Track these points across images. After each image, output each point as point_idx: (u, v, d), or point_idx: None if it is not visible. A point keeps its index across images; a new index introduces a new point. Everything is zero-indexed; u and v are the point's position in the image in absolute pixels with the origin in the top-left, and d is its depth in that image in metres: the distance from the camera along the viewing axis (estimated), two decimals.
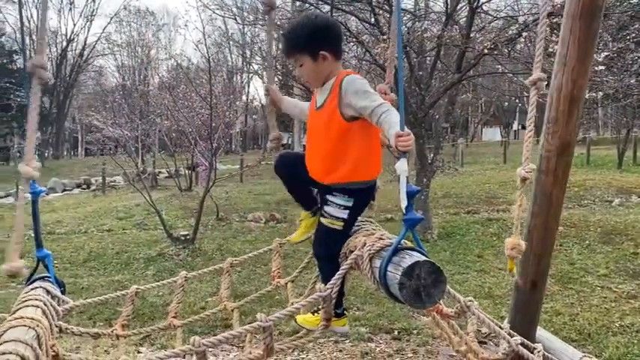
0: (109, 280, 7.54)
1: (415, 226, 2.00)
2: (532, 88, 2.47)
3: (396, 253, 1.98)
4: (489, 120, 40.82)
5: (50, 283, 2.77)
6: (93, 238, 10.87)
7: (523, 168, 2.54)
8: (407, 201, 1.97)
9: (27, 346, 2.00)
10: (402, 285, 1.84)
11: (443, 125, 9.69)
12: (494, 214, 10.93)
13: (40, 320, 2.25)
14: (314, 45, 2.20)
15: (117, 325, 2.86)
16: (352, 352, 4.69)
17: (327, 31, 2.25)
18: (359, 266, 2.27)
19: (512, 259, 2.56)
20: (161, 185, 19.57)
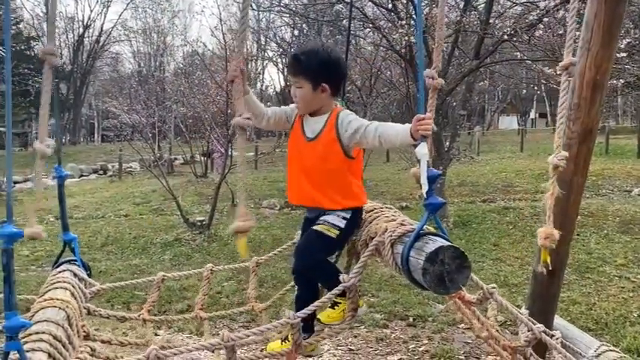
0: (127, 265, 7.65)
1: (437, 210, 1.99)
2: (563, 73, 2.43)
3: (419, 239, 1.97)
4: (506, 108, 40.37)
5: (77, 266, 2.83)
6: (110, 222, 11.00)
7: (555, 156, 2.50)
8: (428, 185, 1.97)
9: (58, 326, 2.05)
10: (425, 270, 1.84)
11: (460, 112, 9.60)
12: (511, 203, 10.85)
13: (69, 302, 2.30)
14: (320, 75, 2.27)
15: (143, 310, 2.91)
16: (367, 338, 4.72)
17: (337, 68, 2.33)
18: (380, 253, 2.28)
19: (546, 249, 2.53)
20: (177, 171, 19.71)
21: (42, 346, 1.89)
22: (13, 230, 1.60)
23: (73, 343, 2.08)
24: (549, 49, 8.38)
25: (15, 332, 1.62)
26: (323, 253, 2.39)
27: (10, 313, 1.61)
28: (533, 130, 37.04)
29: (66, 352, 1.96)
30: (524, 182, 13.25)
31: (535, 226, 9.07)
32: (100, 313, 2.71)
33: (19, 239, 1.68)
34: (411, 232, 2.08)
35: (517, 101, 37.58)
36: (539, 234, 2.57)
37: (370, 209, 2.62)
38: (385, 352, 4.42)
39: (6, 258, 1.61)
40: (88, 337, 2.46)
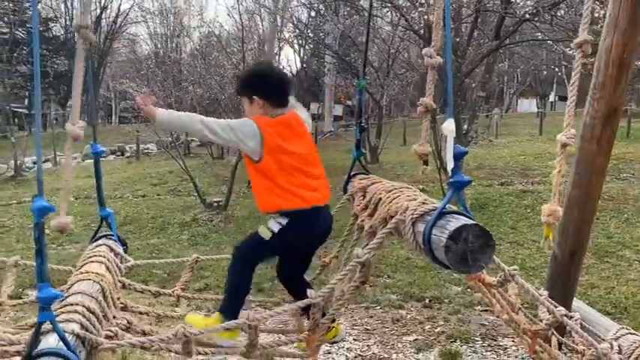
0: (145, 244, 7.75)
1: (462, 188, 1.97)
2: (577, 51, 2.38)
3: (442, 217, 1.96)
4: (525, 91, 39.73)
5: (113, 241, 2.87)
6: (128, 203, 11.14)
7: (564, 134, 2.47)
8: (454, 162, 1.95)
9: (92, 299, 2.08)
10: (447, 248, 1.82)
11: (479, 94, 9.47)
12: (529, 186, 10.73)
13: (104, 275, 2.34)
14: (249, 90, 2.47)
15: (177, 287, 2.96)
16: (383, 318, 4.74)
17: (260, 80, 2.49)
18: (399, 232, 2.26)
19: (548, 226, 2.51)
20: (193, 153, 19.82)
21: (75, 317, 1.93)
22: (44, 205, 1.63)
23: (107, 315, 2.12)
24: (571, 29, 8.20)
25: (47, 303, 1.65)
26: (254, 254, 2.47)
27: (43, 285, 1.64)
28: (553, 113, 36.47)
29: (98, 325, 2.00)
30: (542, 166, 13.07)
31: None
32: (134, 287, 2.77)
33: (50, 213, 1.70)
34: (433, 211, 2.06)
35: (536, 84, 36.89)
36: (542, 210, 2.55)
37: (389, 189, 2.61)
38: (401, 332, 4.43)
39: (37, 232, 1.64)
40: (126, 309, 2.51)
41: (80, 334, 1.92)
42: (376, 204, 2.64)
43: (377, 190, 2.71)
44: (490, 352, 4.00)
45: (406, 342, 4.22)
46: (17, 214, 10.12)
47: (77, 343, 1.90)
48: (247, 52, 11.26)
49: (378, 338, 4.30)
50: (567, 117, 2.42)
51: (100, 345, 2.00)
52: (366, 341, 4.24)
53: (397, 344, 4.18)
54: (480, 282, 2.41)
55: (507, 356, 3.90)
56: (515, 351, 3.97)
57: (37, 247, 1.68)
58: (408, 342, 4.21)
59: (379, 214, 2.47)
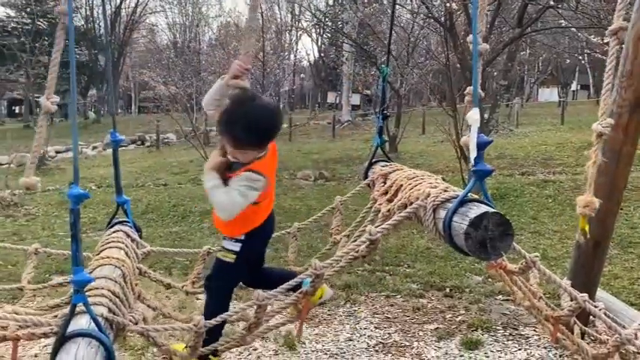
0: (167, 232, 7.85)
1: (485, 177, 1.97)
2: (612, 38, 2.33)
3: (463, 204, 1.96)
4: (546, 80, 39.11)
5: (129, 227, 2.93)
6: (150, 191, 11.27)
7: (600, 123, 2.44)
8: (477, 152, 1.94)
9: (116, 283, 2.13)
10: (467, 235, 1.83)
11: (501, 83, 9.36)
12: (551, 176, 10.61)
13: (124, 260, 2.39)
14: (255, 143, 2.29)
15: (188, 282, 3.00)
16: (404, 307, 4.74)
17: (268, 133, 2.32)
18: (419, 218, 2.27)
19: (584, 217, 2.49)
20: (212, 143, 19.94)
21: (103, 301, 1.97)
22: (80, 192, 1.67)
23: (129, 300, 2.16)
24: (595, 15, 8.04)
25: (81, 286, 1.70)
26: (228, 280, 2.46)
27: (78, 268, 1.68)
28: (575, 102, 35.89)
29: (124, 309, 2.05)
30: (564, 155, 12.91)
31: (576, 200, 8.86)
32: (149, 276, 2.81)
33: (85, 200, 1.75)
34: (455, 198, 2.07)
35: (558, 72, 36.30)
36: (578, 202, 2.52)
37: (411, 177, 2.61)
38: (422, 320, 4.44)
39: (73, 217, 1.68)
40: (139, 298, 2.56)
41: (108, 317, 1.97)
42: (397, 190, 2.65)
43: (398, 177, 2.71)
44: (512, 341, 3.98)
45: (427, 330, 4.22)
46: (42, 203, 10.31)
47: (106, 325, 1.95)
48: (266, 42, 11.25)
49: (399, 326, 4.31)
50: (603, 105, 2.39)
51: (126, 327, 2.05)
52: (387, 329, 4.25)
53: (418, 332, 4.19)
54: (501, 269, 2.40)
55: (529, 345, 3.88)
56: (537, 340, 3.95)
57: (73, 232, 1.73)
58: (429, 330, 4.22)
59: (399, 200, 2.48)
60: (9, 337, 2.14)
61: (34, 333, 2.10)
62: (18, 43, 18.30)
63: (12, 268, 5.96)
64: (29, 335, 2.13)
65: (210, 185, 2.22)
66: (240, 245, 2.39)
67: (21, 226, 8.40)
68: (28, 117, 28.71)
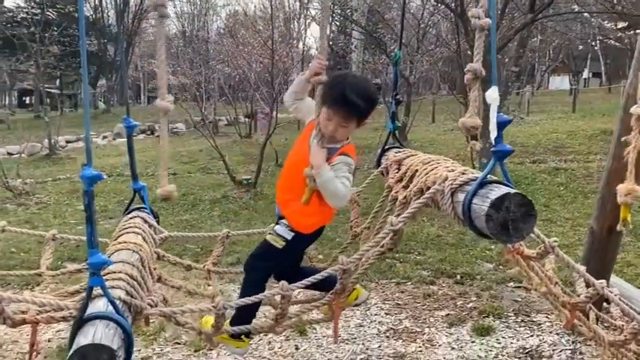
0: (178, 220, 7.88)
1: (505, 157, 1.94)
2: None
3: (483, 186, 1.94)
4: (557, 67, 38.67)
5: (146, 213, 2.93)
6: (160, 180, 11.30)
7: (638, 106, 2.39)
8: (497, 131, 1.92)
9: (133, 267, 2.13)
10: (489, 217, 1.81)
11: (512, 69, 9.25)
12: (562, 164, 10.52)
13: (142, 245, 2.39)
14: (367, 114, 2.43)
15: (208, 262, 3.01)
16: (414, 294, 4.74)
17: (377, 100, 2.49)
18: (436, 202, 2.25)
19: (626, 207, 2.45)
20: (222, 132, 19.95)
21: (120, 284, 1.98)
22: (93, 173, 1.66)
23: (147, 284, 2.16)
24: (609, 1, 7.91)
25: (98, 268, 1.70)
26: (270, 265, 2.47)
27: (93, 251, 1.68)
28: (586, 89, 35.50)
29: (142, 292, 2.05)
30: (576, 143, 12.79)
31: (588, 187, 8.78)
32: (168, 259, 2.82)
33: (99, 181, 1.74)
34: (473, 181, 2.04)
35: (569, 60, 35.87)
36: (619, 190, 2.48)
37: (427, 161, 2.59)
38: (433, 307, 4.43)
39: (87, 199, 1.68)
40: (160, 281, 2.57)
41: (126, 300, 1.98)
42: (412, 176, 2.62)
43: (413, 163, 2.69)
44: (524, 327, 3.97)
45: (438, 317, 4.21)
46: (53, 191, 10.38)
47: (124, 308, 1.96)
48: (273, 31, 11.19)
49: (410, 313, 4.31)
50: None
51: (144, 310, 2.05)
52: (398, 315, 4.25)
53: (429, 319, 4.18)
54: (518, 254, 2.38)
55: (541, 332, 3.86)
56: (549, 327, 3.93)
57: (87, 214, 1.72)
58: (440, 317, 4.21)
59: (415, 185, 2.45)
60: (28, 321, 2.15)
61: (54, 317, 2.11)
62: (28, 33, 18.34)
63: (25, 255, 6.01)
64: (48, 319, 2.14)
65: (327, 177, 2.24)
66: (293, 235, 2.40)
67: (33, 215, 8.46)
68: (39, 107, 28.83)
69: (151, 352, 3.64)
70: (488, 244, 6.04)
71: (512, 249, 2.40)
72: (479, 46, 2.04)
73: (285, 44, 12.44)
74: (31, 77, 26.14)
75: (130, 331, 1.81)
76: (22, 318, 2.16)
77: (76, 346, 1.66)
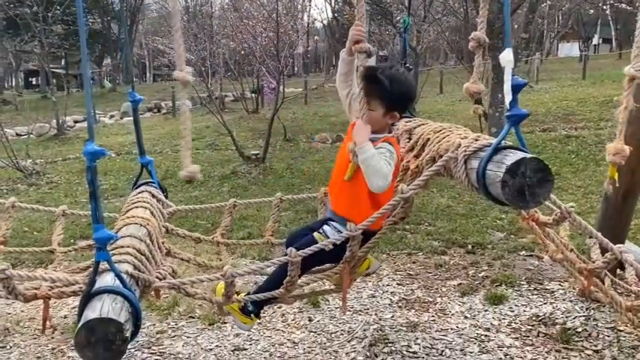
0: (187, 196, 7.89)
1: (520, 122, 1.90)
2: None
3: (498, 152, 1.90)
4: (567, 34, 37.94)
5: (154, 187, 2.92)
6: (168, 157, 11.32)
7: (632, 66, 2.33)
8: (512, 95, 1.87)
9: (141, 242, 2.13)
10: (504, 183, 1.77)
11: (522, 36, 9.06)
12: (573, 132, 10.38)
13: (149, 219, 2.38)
14: (396, 103, 2.34)
15: (217, 234, 3.01)
16: (426, 264, 4.73)
17: (411, 99, 2.45)
18: (449, 170, 2.21)
19: (614, 166, 2.41)
20: (228, 108, 19.87)
21: (127, 259, 1.97)
22: (95, 148, 1.64)
23: (155, 258, 2.16)
24: None
25: (103, 243, 1.69)
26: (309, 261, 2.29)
27: (98, 226, 1.67)
28: (596, 56, 34.88)
29: (150, 266, 2.04)
30: (586, 110, 12.61)
31: (600, 155, 8.67)
32: (177, 233, 2.82)
33: (101, 157, 1.72)
34: (487, 147, 2.00)
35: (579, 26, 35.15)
36: (608, 150, 2.44)
37: (438, 130, 2.54)
38: (444, 277, 4.43)
39: (90, 174, 1.66)
40: (169, 254, 2.57)
41: (134, 274, 1.97)
42: (423, 144, 2.58)
43: (424, 132, 2.64)
44: (537, 295, 3.95)
45: (450, 286, 4.21)
46: (63, 171, 10.43)
47: (131, 282, 1.95)
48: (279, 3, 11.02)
49: (422, 283, 4.30)
50: (636, 48, 2.28)
51: (152, 283, 2.05)
52: (410, 285, 4.25)
53: (441, 288, 4.18)
54: (533, 221, 2.35)
55: (555, 299, 3.85)
56: (562, 294, 3.92)
57: (91, 189, 1.70)
58: (452, 286, 4.21)
59: (427, 154, 2.41)
60: (40, 296, 2.17)
61: (64, 291, 2.12)
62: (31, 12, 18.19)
63: (37, 235, 6.06)
64: (59, 293, 2.15)
65: (370, 154, 2.15)
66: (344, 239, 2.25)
67: (44, 194, 8.51)
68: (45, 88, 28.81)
69: (165, 327, 3.67)
70: (499, 214, 6.00)
71: (527, 216, 2.37)
72: (483, 14, 1.99)
73: (290, 16, 12.24)
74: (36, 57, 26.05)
75: (137, 305, 1.81)
76: (34, 293, 2.18)
77: (84, 320, 1.67)
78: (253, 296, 2.30)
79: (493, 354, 3.17)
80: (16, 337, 3.60)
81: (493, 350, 3.20)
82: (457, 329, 3.50)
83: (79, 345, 1.62)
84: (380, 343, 3.33)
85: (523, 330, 3.45)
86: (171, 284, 2.02)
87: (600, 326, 3.36)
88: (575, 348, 3.13)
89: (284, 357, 3.27)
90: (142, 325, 1.83)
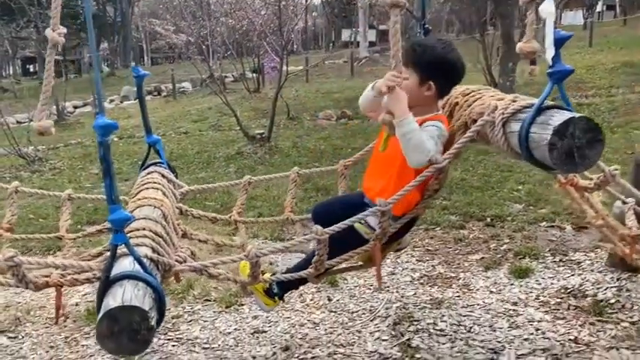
0: (194, 178, 7.75)
1: (564, 79, 1.73)
2: None
3: (541, 113, 1.74)
4: (570, 1, 37.31)
5: (164, 168, 2.77)
6: (172, 140, 11.16)
7: None
8: (554, 49, 1.69)
9: (157, 223, 1.99)
10: (552, 146, 1.62)
11: None
12: (584, 100, 10.19)
13: (163, 200, 2.24)
14: (430, 71, 2.13)
15: (234, 212, 2.87)
16: (445, 239, 4.60)
17: (451, 69, 2.17)
18: (484, 136, 2.05)
19: None
20: (229, 89, 19.62)
21: (145, 242, 1.83)
22: (107, 121, 1.49)
23: (173, 240, 2.02)
24: None
25: (120, 225, 1.55)
26: (343, 247, 2.19)
27: (114, 207, 1.53)
28: (600, 23, 34.30)
29: (168, 248, 1.91)
30: (596, 78, 12.38)
31: (614, 122, 8.49)
32: (191, 213, 2.68)
33: (114, 131, 1.57)
34: (527, 108, 1.84)
35: None
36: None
37: (467, 92, 2.37)
38: (465, 251, 4.29)
39: (103, 150, 1.51)
40: (185, 236, 2.43)
41: (153, 258, 1.84)
42: (451, 110, 2.42)
43: (450, 95, 2.47)
44: (563, 267, 3.82)
45: (472, 261, 4.07)
46: (66, 157, 10.29)
47: (151, 266, 1.82)
48: None
49: (443, 258, 4.17)
50: None
51: (172, 267, 1.92)
52: (430, 261, 4.12)
53: (463, 263, 4.05)
54: (572, 186, 2.19)
55: (582, 270, 3.71)
56: (590, 265, 3.78)
57: (104, 166, 1.56)
58: (475, 260, 4.07)
59: (457, 120, 2.25)
60: (51, 284, 2.03)
61: (77, 279, 1.99)
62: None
63: (43, 222, 5.94)
64: (72, 281, 2.02)
65: (411, 128, 1.95)
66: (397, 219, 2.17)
67: (48, 181, 8.38)
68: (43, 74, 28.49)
69: (181, 311, 3.56)
70: (515, 185, 5.85)
71: (565, 180, 2.21)
72: None
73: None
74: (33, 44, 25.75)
75: (161, 290, 1.67)
76: (45, 281, 2.05)
77: (105, 308, 1.53)
78: (280, 276, 2.16)
79: (523, 329, 3.04)
80: (27, 326, 3.48)
81: (523, 325, 3.07)
82: (484, 304, 3.37)
83: (101, 336, 1.49)
84: (405, 322, 3.20)
85: (552, 303, 3.31)
86: (192, 267, 1.88)
87: (634, 297, 3.22)
88: (610, 320, 3.00)
89: (305, 338, 3.15)
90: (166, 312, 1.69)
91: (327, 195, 5.91)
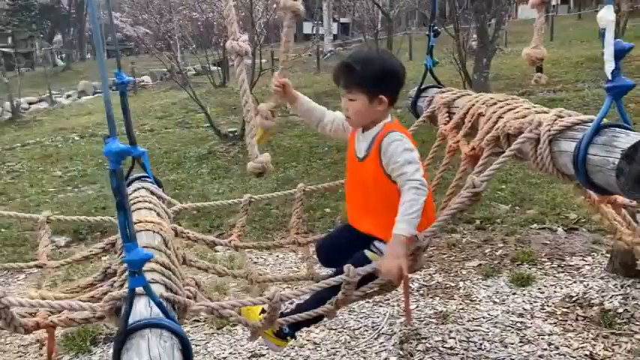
0: (165, 180, 7.36)
1: (623, 95, 1.58)
2: None
3: (599, 132, 1.58)
4: None
5: (150, 182, 2.53)
6: (137, 138, 10.67)
7: None
8: (614, 62, 1.54)
9: (161, 253, 1.75)
10: (620, 171, 1.46)
11: None
12: (554, 95, 10.28)
13: (161, 223, 2.00)
14: (377, 87, 2.02)
15: (233, 236, 2.64)
16: (437, 244, 4.47)
17: (396, 77, 2.07)
18: (524, 152, 1.89)
19: None
20: (193, 82, 19.06)
21: (156, 277, 1.60)
22: (121, 146, 1.25)
23: (179, 270, 1.79)
24: None
25: (138, 266, 1.32)
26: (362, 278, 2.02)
27: (130, 245, 1.29)
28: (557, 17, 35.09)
29: (178, 281, 1.68)
30: (562, 72, 12.55)
31: None
32: (188, 236, 2.44)
33: (127, 156, 1.34)
34: (578, 125, 1.68)
35: None
36: None
37: (492, 102, 2.21)
38: (460, 257, 4.18)
39: (116, 181, 1.27)
40: (185, 263, 2.19)
41: (170, 298, 1.60)
42: (473, 120, 2.26)
43: (473, 105, 2.31)
44: (562, 273, 3.74)
45: (470, 268, 3.96)
46: (25, 158, 9.72)
47: (168, 308, 1.58)
48: None
49: (439, 266, 4.04)
50: None
51: (188, 307, 1.69)
52: (427, 270, 3.98)
53: (461, 271, 3.93)
54: (609, 203, 2.06)
55: (583, 277, 3.64)
56: (590, 271, 3.72)
57: (118, 199, 1.32)
58: (472, 268, 3.96)
59: (487, 133, 2.09)
60: (43, 325, 1.78)
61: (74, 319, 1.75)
62: None
63: (6, 232, 5.53)
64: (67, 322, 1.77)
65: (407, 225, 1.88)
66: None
67: (7, 185, 7.86)
68: None
69: None
70: (498, 184, 5.77)
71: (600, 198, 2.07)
72: None
73: None
74: None
75: (188, 341, 1.44)
76: (35, 322, 1.80)
77: None
78: (297, 317, 1.95)
79: (535, 344, 2.93)
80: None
81: (535, 340, 2.96)
82: (490, 317, 3.25)
83: None
84: (412, 340, 3.05)
85: (559, 314, 3.23)
86: (210, 307, 1.65)
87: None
88: (623, 333, 2.92)
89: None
90: None
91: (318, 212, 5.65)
